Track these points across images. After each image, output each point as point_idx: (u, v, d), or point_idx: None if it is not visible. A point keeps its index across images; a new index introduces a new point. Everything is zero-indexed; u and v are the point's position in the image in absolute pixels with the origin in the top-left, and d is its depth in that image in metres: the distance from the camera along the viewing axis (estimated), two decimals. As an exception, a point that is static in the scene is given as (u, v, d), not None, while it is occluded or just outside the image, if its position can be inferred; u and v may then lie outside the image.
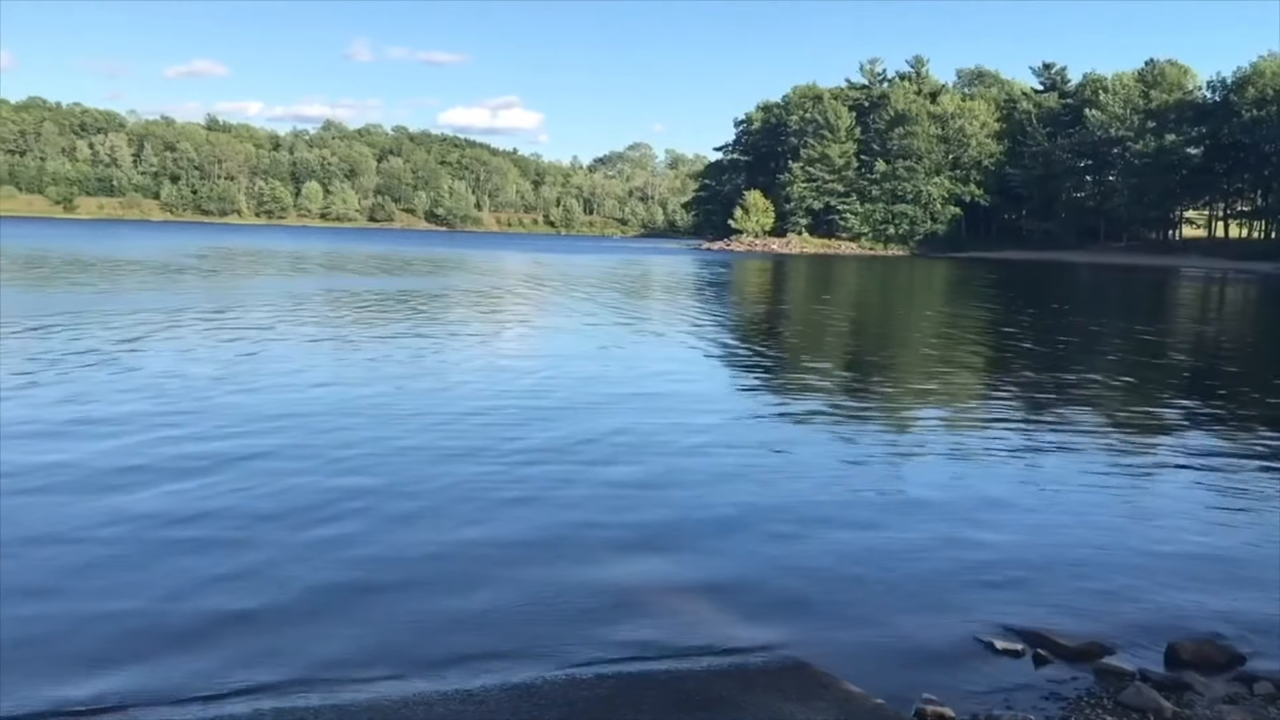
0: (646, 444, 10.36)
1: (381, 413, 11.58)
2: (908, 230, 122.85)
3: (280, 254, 61.31)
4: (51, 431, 10.01)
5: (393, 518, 7.54)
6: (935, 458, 10.30)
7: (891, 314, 34.37)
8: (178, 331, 19.02)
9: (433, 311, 26.09)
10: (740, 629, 5.70)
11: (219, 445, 9.61)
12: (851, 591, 6.36)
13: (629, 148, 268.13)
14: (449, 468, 9.05)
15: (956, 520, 7.98)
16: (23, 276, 34.38)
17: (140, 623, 5.55)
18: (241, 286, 33.90)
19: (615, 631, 5.61)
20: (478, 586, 6.22)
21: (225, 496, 7.91)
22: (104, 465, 8.73)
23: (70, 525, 7.10)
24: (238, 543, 6.86)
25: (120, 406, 11.35)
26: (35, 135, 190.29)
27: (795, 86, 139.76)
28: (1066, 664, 5.42)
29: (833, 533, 7.55)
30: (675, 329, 23.47)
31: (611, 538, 7.25)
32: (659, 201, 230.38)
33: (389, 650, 5.30)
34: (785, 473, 9.39)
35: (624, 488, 8.60)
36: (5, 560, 6.34)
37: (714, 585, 6.40)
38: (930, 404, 13.85)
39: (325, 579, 6.28)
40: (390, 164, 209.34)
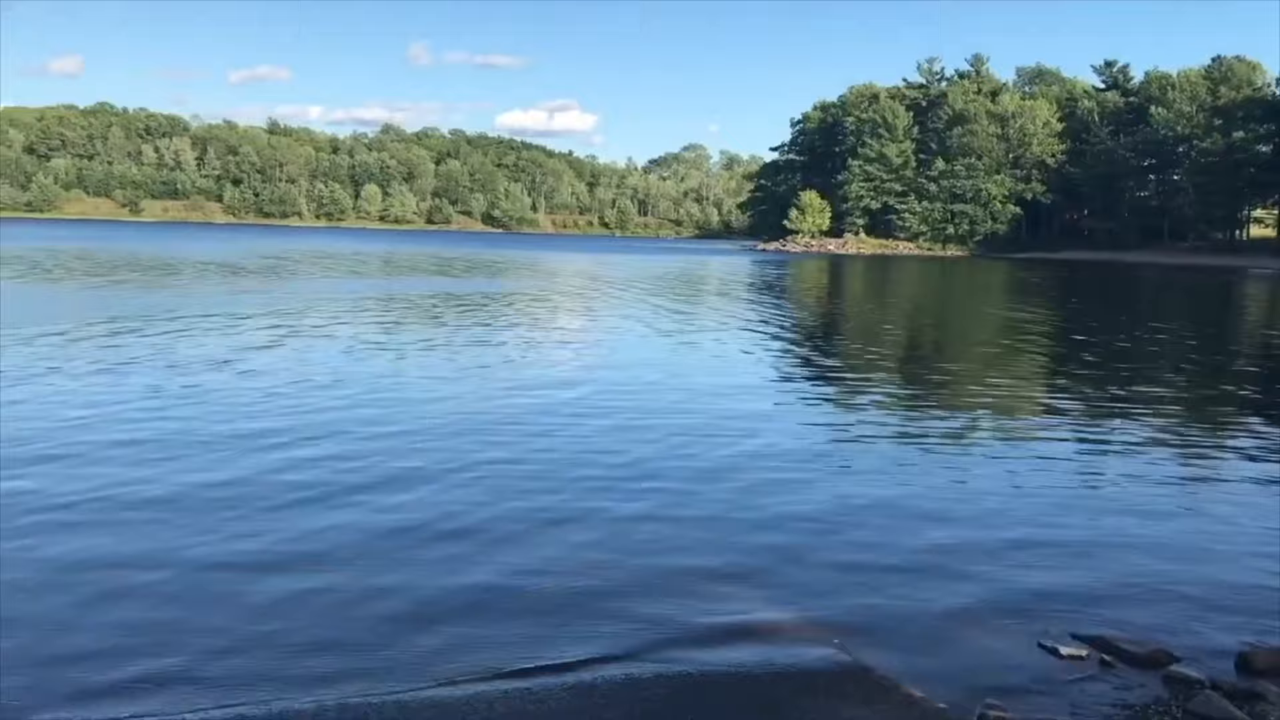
0: (705, 447, 10.34)
1: (475, 421, 11.69)
2: (967, 230, 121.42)
3: (357, 256, 61.98)
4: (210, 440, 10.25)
5: (458, 523, 7.61)
6: (995, 461, 10.17)
7: (952, 316, 33.98)
8: (284, 336, 19.32)
9: (512, 314, 26.26)
10: (801, 633, 5.68)
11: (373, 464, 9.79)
12: (914, 596, 6.30)
13: (684, 149, 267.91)
14: (517, 475, 9.10)
15: (1018, 524, 7.88)
16: (131, 279, 35.17)
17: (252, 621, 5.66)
18: (334, 289, 34.34)
19: (674, 633, 5.60)
20: (538, 589, 6.24)
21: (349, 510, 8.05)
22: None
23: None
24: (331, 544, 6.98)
25: (261, 421, 11.58)
26: (103, 140, 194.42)
27: (852, 86, 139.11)
28: (1133, 671, 5.31)
29: (893, 537, 7.48)
30: (734, 332, 23.41)
31: (671, 541, 7.25)
32: (714, 202, 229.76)
33: (451, 649, 5.34)
34: (844, 478, 9.32)
35: (681, 492, 8.59)
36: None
37: (775, 589, 6.37)
38: (991, 408, 13.67)
39: (384, 577, 6.36)
40: (448, 167, 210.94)
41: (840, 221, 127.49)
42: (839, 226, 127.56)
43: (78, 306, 24.02)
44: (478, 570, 6.52)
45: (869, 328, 27.24)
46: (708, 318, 27.35)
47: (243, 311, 23.63)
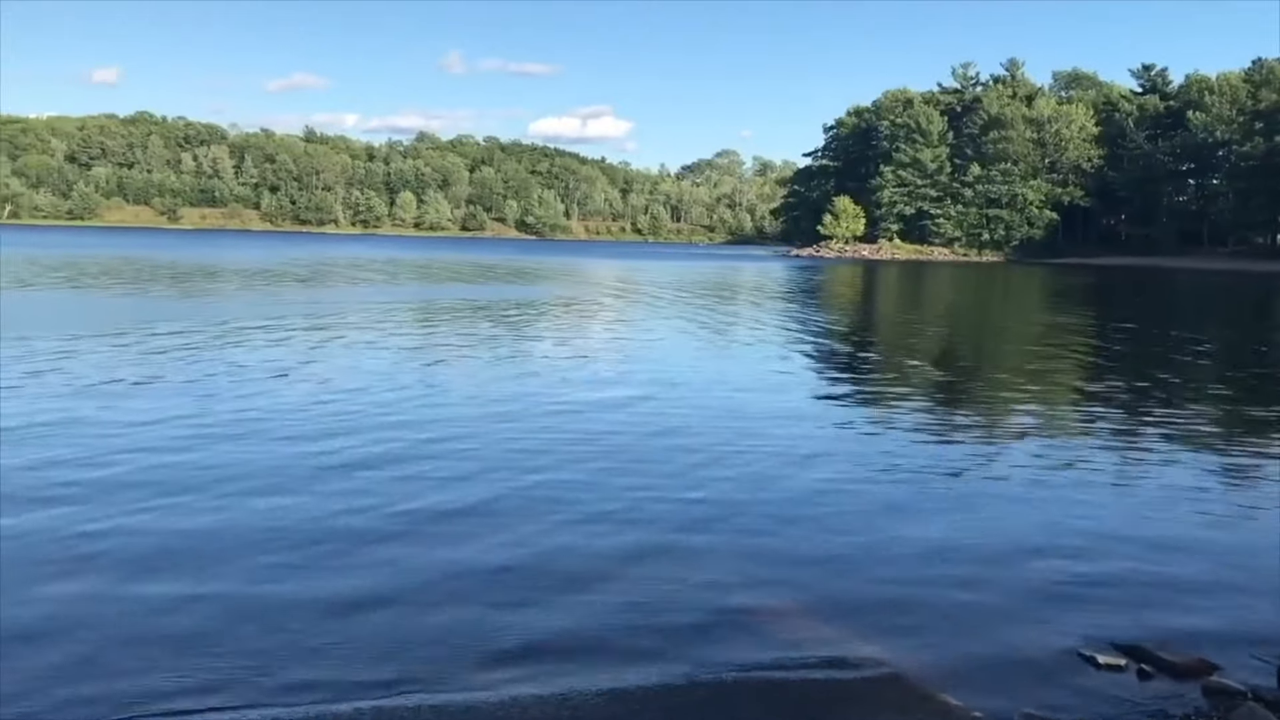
0: (743, 455, 10.35)
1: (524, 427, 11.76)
2: (1003, 235, 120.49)
3: (394, 264, 62.40)
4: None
5: (500, 526, 7.67)
6: (1032, 469, 10.10)
7: (988, 323, 33.73)
8: (337, 345, 19.53)
9: (551, 321, 26.38)
10: (837, 640, 5.67)
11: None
12: (950, 603, 6.28)
13: (717, 154, 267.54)
14: (555, 483, 9.16)
15: (1055, 532, 7.82)
16: (179, 287, 35.63)
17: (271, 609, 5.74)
18: (376, 296, 34.61)
19: (710, 638, 5.62)
20: (575, 594, 6.28)
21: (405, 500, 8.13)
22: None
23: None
24: (371, 547, 7.06)
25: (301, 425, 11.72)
26: (143, 148, 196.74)
27: (886, 91, 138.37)
28: (1172, 681, 5.27)
29: (930, 545, 7.45)
30: (771, 339, 23.39)
31: (706, 548, 7.27)
32: (747, 208, 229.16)
33: (487, 654, 5.38)
34: (879, 486, 9.29)
35: (718, 501, 8.60)
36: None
37: (809, 596, 6.37)
38: (1029, 415, 13.59)
39: (420, 583, 6.42)
40: (482, 174, 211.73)
41: (874, 227, 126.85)
42: (873, 232, 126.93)
43: (134, 313, 24.35)
44: (509, 575, 6.57)
45: (906, 333, 27.10)
46: (745, 324, 27.31)
47: (292, 319, 23.87)
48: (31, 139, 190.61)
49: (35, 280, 36.21)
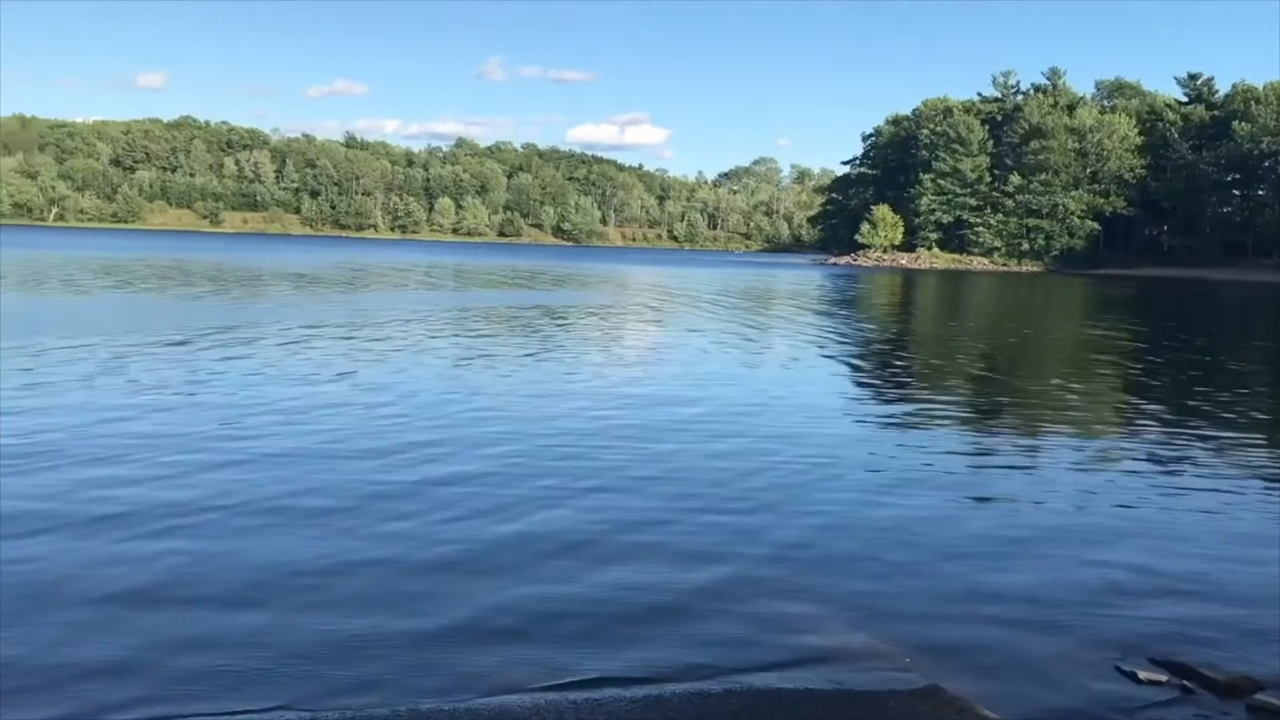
0: (778, 464, 10.35)
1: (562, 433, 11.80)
2: (1043, 245, 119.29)
3: (435, 269, 62.84)
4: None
5: (533, 531, 7.70)
6: (1070, 482, 10.00)
7: (1029, 334, 33.43)
8: (386, 349, 19.70)
9: (591, 327, 26.45)
10: (872, 652, 5.63)
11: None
12: (988, 616, 6.22)
13: (754, 162, 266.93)
14: (591, 491, 9.19)
15: (1094, 546, 7.74)
16: (228, 290, 36.10)
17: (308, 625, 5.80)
18: (421, 301, 34.88)
19: (743, 649, 5.60)
20: (609, 600, 6.29)
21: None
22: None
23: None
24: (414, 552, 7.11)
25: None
26: (186, 152, 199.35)
27: (925, 99, 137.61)
28: (1215, 698, 5.17)
29: (966, 557, 7.40)
30: (808, 347, 23.33)
31: (741, 557, 7.25)
32: (784, 216, 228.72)
33: (523, 656, 5.40)
34: (915, 497, 9.23)
35: (753, 509, 8.58)
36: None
37: (846, 607, 6.34)
38: (1068, 428, 13.46)
39: (457, 585, 6.46)
40: (520, 180, 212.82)
41: (912, 236, 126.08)
42: (911, 241, 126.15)
43: (187, 317, 24.71)
44: (548, 579, 6.58)
45: (944, 344, 26.94)
46: (781, 332, 27.26)
47: (341, 322, 24.16)
48: (78, 143, 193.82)
49: (89, 283, 36.79)
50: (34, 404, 11.89)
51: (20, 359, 15.55)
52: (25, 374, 14.12)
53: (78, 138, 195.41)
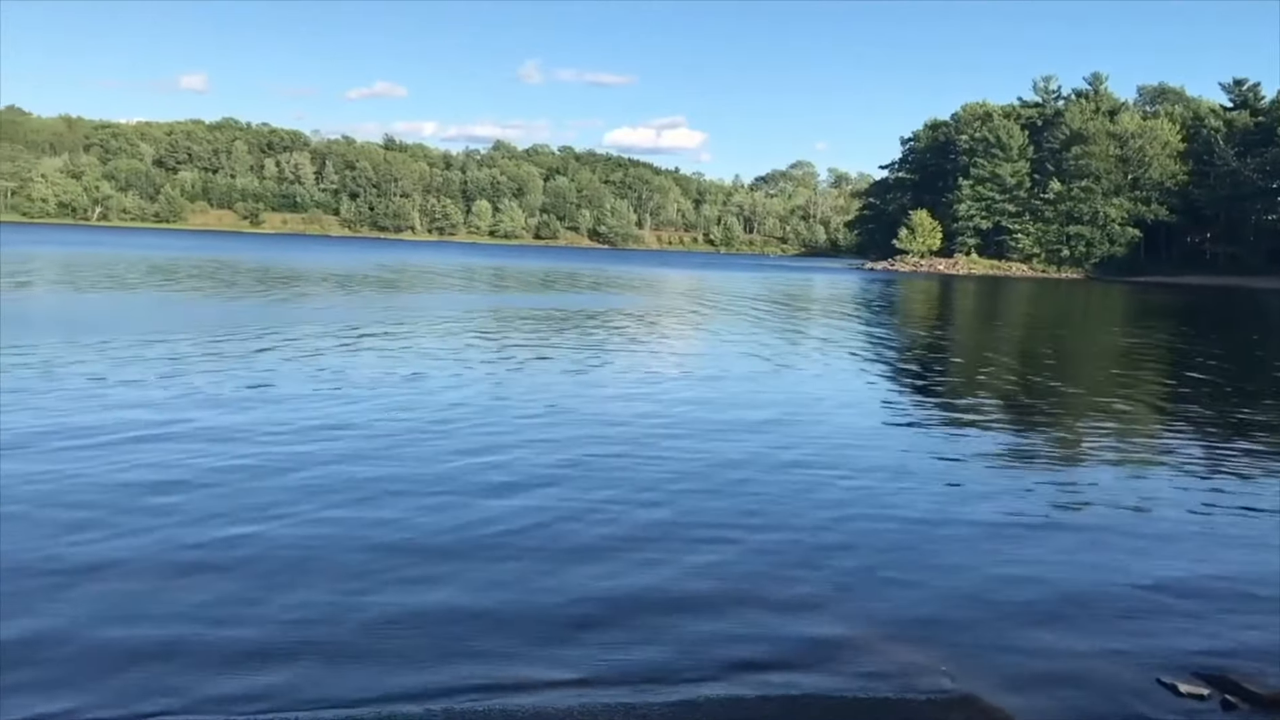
0: (814, 468, 10.35)
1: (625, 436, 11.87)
2: (1083, 252, 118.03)
3: (473, 271, 63.17)
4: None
5: (562, 534, 7.76)
6: (1110, 492, 9.91)
7: (1068, 341, 33.11)
8: (433, 350, 19.87)
9: (628, 330, 26.51)
10: (907, 659, 5.62)
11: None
12: (1025, 625, 6.19)
13: (791, 166, 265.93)
14: (629, 494, 9.24)
15: (1135, 555, 7.68)
16: (276, 290, 36.54)
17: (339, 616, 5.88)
18: (463, 303, 35.09)
19: (779, 655, 5.60)
20: (643, 603, 6.32)
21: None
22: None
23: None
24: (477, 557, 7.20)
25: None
26: (227, 153, 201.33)
27: (965, 104, 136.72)
28: (1258, 712, 5.12)
29: (1004, 566, 7.36)
30: (844, 352, 23.24)
31: (777, 562, 7.26)
32: (821, 220, 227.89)
33: (557, 660, 5.44)
34: (954, 505, 9.19)
35: (789, 514, 8.59)
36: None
37: (881, 615, 6.33)
38: (1110, 437, 13.34)
39: (485, 588, 6.51)
40: (556, 183, 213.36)
41: (950, 241, 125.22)
42: (949, 246, 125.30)
43: (243, 316, 25.08)
44: (583, 583, 6.63)
45: (983, 350, 26.73)
46: (824, 337, 27.17)
47: (392, 323, 24.38)
48: (122, 143, 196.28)
49: (140, 282, 37.30)
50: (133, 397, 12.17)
51: (112, 356, 15.89)
52: (124, 372, 14.45)
53: (121, 138, 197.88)
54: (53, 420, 10.84)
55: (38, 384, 13.17)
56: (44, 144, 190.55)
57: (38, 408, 11.54)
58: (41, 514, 7.57)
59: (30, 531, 7.16)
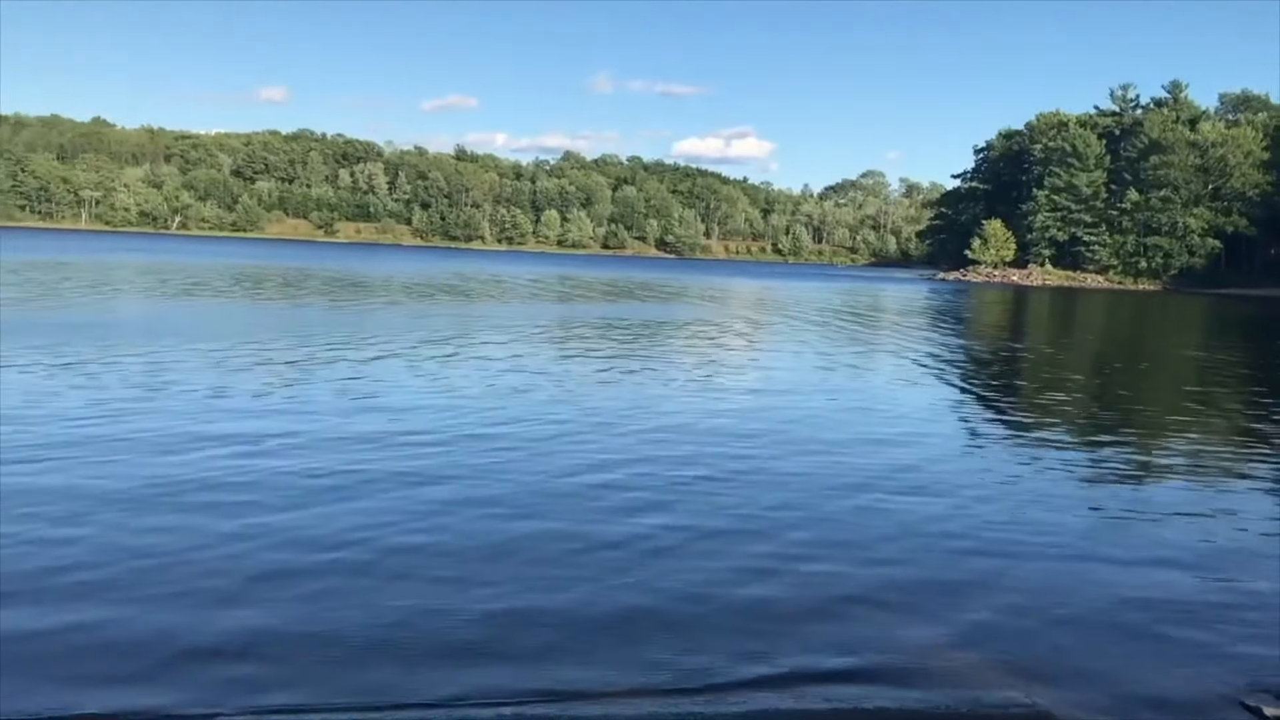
0: (882, 480, 10.29)
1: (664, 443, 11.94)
2: (1161, 263, 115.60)
3: (544, 281, 63.69)
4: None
5: (634, 536, 7.80)
6: (1190, 512, 9.67)
7: (1146, 355, 32.46)
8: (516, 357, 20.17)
9: (697, 341, 26.57)
10: (978, 674, 5.56)
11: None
12: (1100, 641, 6.08)
13: (862, 175, 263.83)
14: (700, 499, 9.27)
15: (1216, 573, 7.52)
16: (364, 299, 37.27)
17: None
18: (540, 313, 35.43)
19: (846, 666, 5.57)
20: (710, 611, 6.33)
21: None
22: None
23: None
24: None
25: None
26: (303, 164, 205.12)
27: (1039, 113, 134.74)
28: (1345, 738, 5.01)
29: (1079, 582, 7.24)
30: (914, 364, 23.03)
31: (845, 573, 7.23)
32: (891, 230, 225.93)
33: (629, 666, 5.46)
34: (1027, 518, 9.06)
35: (857, 525, 8.56)
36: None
37: (952, 628, 6.26)
38: (1183, 455, 13.06)
39: (562, 591, 6.56)
40: (624, 193, 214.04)
41: (1024, 252, 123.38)
42: (1023, 257, 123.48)
43: (344, 325, 25.59)
44: (648, 589, 6.65)
45: (1061, 364, 26.29)
46: (887, 348, 26.95)
47: (481, 334, 24.71)
48: (201, 154, 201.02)
49: (236, 291, 38.20)
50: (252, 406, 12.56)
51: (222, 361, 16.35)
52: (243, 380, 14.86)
53: (201, 149, 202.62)
54: (185, 426, 11.19)
55: (168, 388, 13.68)
56: (127, 155, 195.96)
57: (172, 410, 12.04)
58: (204, 514, 7.88)
59: (194, 528, 7.48)
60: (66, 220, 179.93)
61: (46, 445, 9.97)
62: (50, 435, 10.45)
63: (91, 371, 15.01)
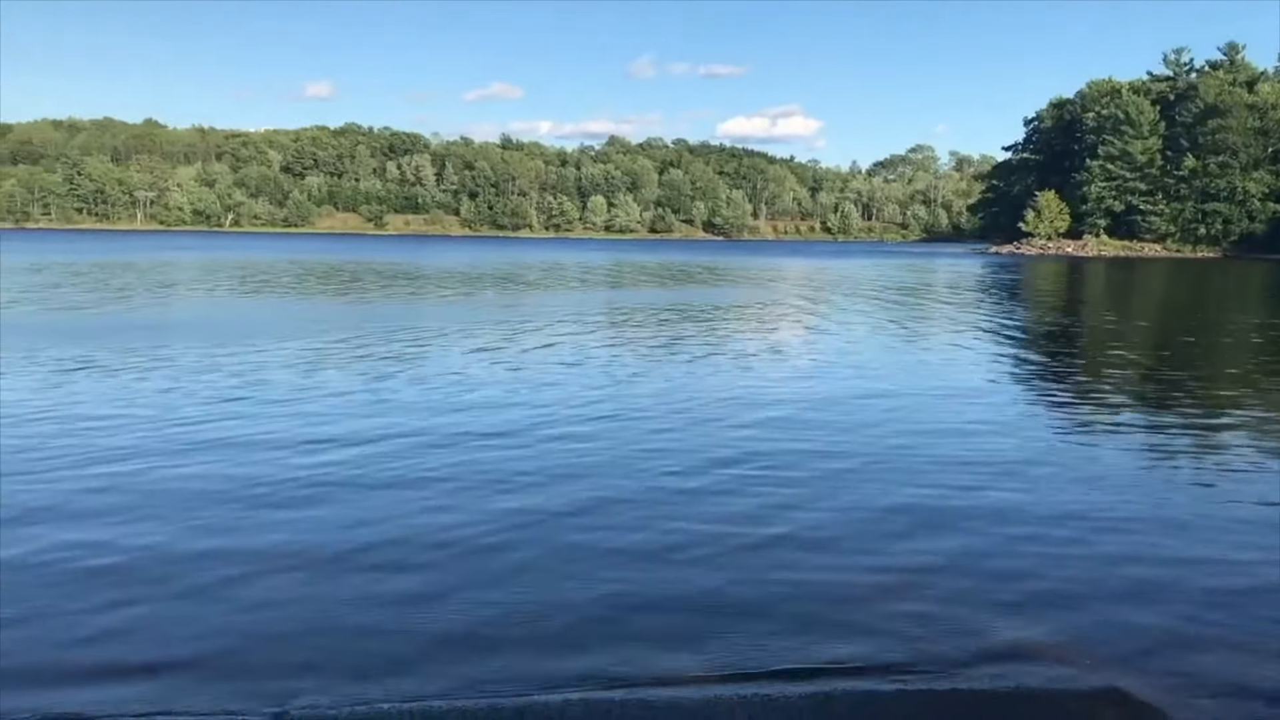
0: (951, 462, 10.18)
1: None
2: (1220, 230, 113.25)
3: (595, 267, 63.83)
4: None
5: (703, 519, 7.80)
6: (1263, 490, 9.44)
7: (1208, 325, 31.82)
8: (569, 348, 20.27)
9: (752, 323, 26.51)
10: (1053, 654, 5.47)
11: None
12: (1176, 623, 5.96)
13: (910, 150, 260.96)
14: (769, 482, 9.27)
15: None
16: (425, 291, 37.66)
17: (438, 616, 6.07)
18: (595, 301, 35.56)
19: (916, 649, 5.53)
20: (780, 594, 6.31)
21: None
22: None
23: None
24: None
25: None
26: (351, 158, 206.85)
27: (1091, 81, 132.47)
28: None
29: (1151, 563, 7.10)
30: (979, 342, 22.78)
31: (916, 555, 7.17)
32: (942, 204, 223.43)
33: (694, 651, 5.46)
34: (1098, 494, 8.93)
35: (930, 508, 8.44)
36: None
37: (1025, 604, 6.19)
38: (1250, 430, 12.82)
39: (618, 576, 6.58)
40: (670, 176, 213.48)
41: (1079, 223, 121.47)
42: (1077, 228, 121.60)
43: (422, 318, 25.76)
44: (720, 570, 6.65)
45: (1127, 334, 25.86)
46: (943, 324, 26.66)
47: (553, 322, 24.76)
48: (251, 151, 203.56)
49: (298, 285, 38.72)
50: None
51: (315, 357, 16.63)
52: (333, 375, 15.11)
53: (251, 146, 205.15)
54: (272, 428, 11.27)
55: (263, 388, 13.83)
56: (179, 154, 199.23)
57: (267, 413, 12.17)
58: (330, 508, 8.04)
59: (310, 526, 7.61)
60: (122, 221, 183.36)
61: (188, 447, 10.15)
62: (177, 437, 10.61)
63: (201, 371, 15.29)
